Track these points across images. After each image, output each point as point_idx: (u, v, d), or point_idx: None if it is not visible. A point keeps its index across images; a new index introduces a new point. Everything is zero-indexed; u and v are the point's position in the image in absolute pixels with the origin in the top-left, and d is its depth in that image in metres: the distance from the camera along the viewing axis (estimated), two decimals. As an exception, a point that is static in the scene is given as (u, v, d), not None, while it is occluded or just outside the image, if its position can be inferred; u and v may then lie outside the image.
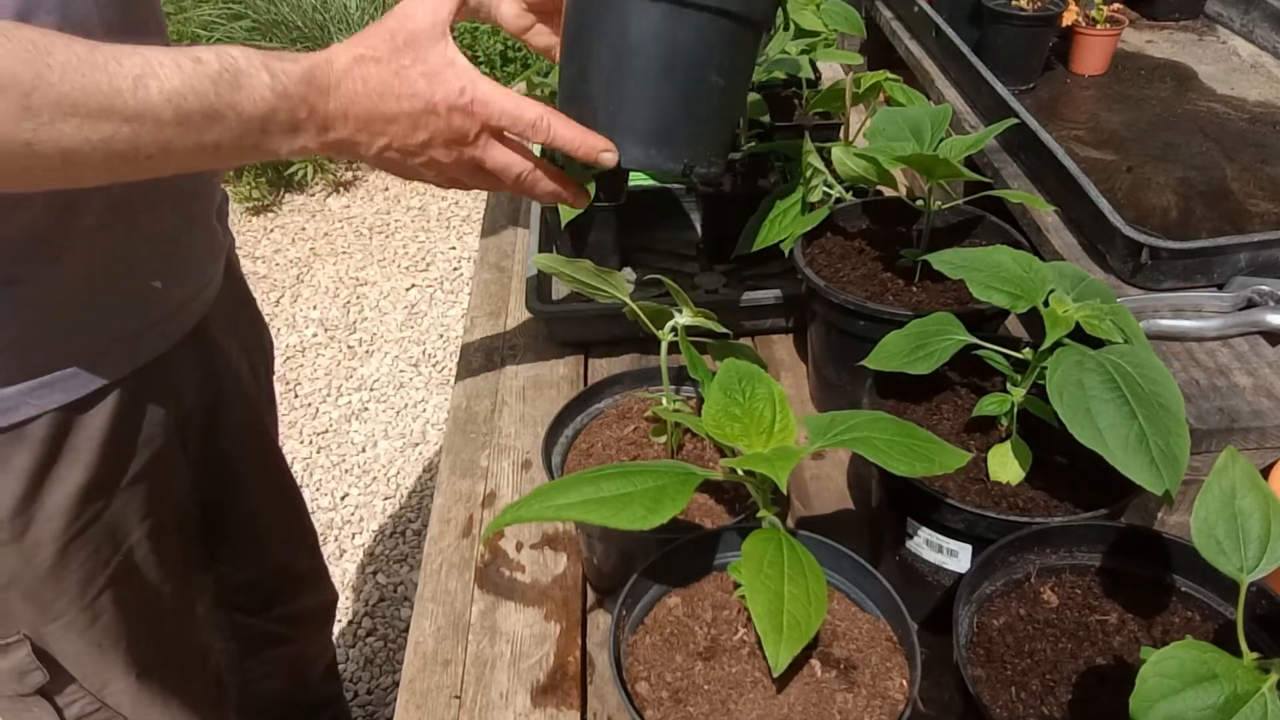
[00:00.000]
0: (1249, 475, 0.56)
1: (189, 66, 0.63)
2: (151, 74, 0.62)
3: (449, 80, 0.73)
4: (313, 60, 0.69)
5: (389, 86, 0.72)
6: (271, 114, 0.67)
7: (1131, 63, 1.54)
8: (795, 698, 0.62)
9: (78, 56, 0.60)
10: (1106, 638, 0.66)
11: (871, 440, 0.64)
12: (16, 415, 0.81)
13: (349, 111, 0.71)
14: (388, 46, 0.72)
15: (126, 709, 0.99)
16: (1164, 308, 0.96)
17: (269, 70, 0.67)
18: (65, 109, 0.59)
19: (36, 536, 0.86)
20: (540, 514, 0.60)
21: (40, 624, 0.90)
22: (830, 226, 1.05)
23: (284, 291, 3.13)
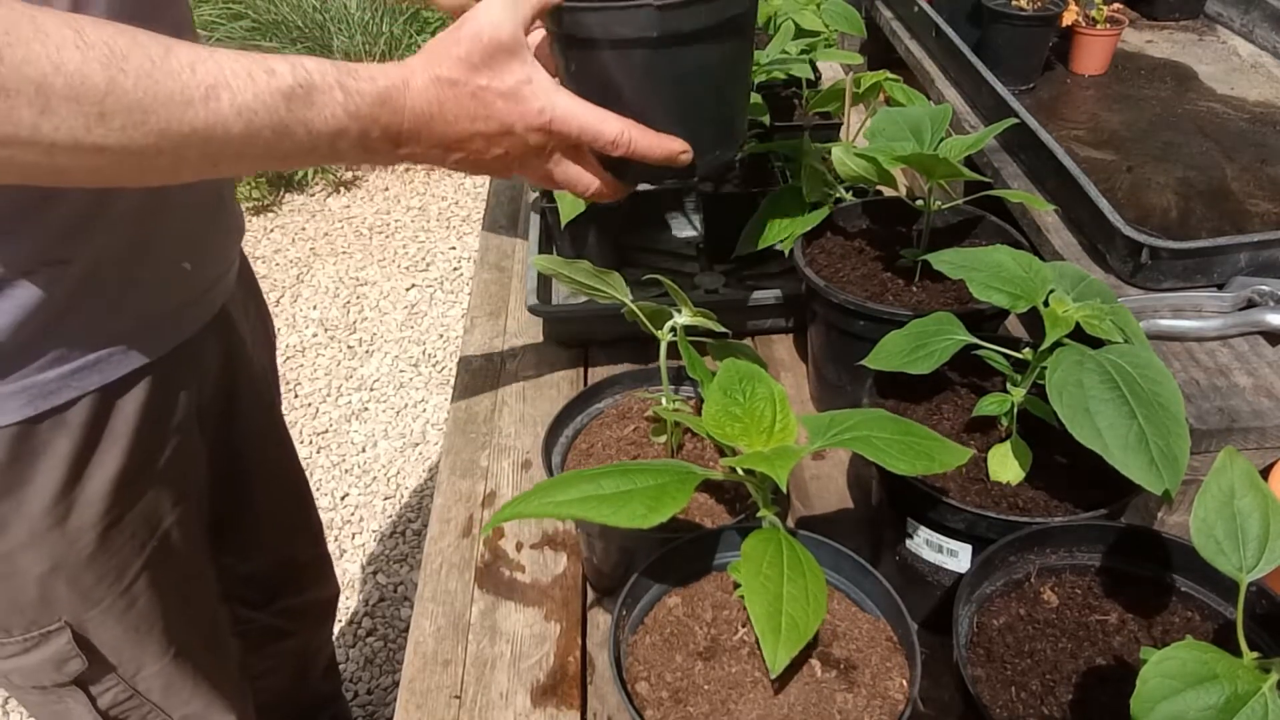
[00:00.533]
0: (1248, 475, 0.56)
1: (262, 80, 0.63)
2: (224, 84, 0.61)
3: (527, 100, 0.72)
4: (389, 80, 0.68)
5: (465, 109, 0.71)
6: (343, 132, 0.66)
7: (1131, 63, 1.54)
8: (795, 698, 0.62)
9: (152, 62, 0.59)
10: (1106, 638, 0.66)
11: (871, 439, 0.64)
12: (57, 398, 0.81)
13: (424, 132, 0.70)
14: (464, 66, 0.70)
15: (157, 695, 1.00)
16: (1164, 308, 0.96)
17: (343, 88, 0.66)
18: (138, 116, 0.58)
19: (78, 522, 0.86)
20: (540, 510, 0.60)
21: (81, 610, 0.91)
22: (830, 226, 1.05)
23: (284, 291, 3.13)
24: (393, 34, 3.63)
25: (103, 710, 0.98)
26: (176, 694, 1.02)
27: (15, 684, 0.94)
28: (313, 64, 0.65)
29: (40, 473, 0.83)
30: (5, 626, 0.89)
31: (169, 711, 1.03)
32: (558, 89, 0.73)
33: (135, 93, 0.58)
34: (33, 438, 0.82)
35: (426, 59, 0.70)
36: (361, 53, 3.60)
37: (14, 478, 0.82)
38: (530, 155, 0.75)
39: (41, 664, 0.91)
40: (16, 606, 0.88)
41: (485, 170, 0.77)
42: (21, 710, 1.94)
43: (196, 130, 0.60)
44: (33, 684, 0.93)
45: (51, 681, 0.93)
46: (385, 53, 3.64)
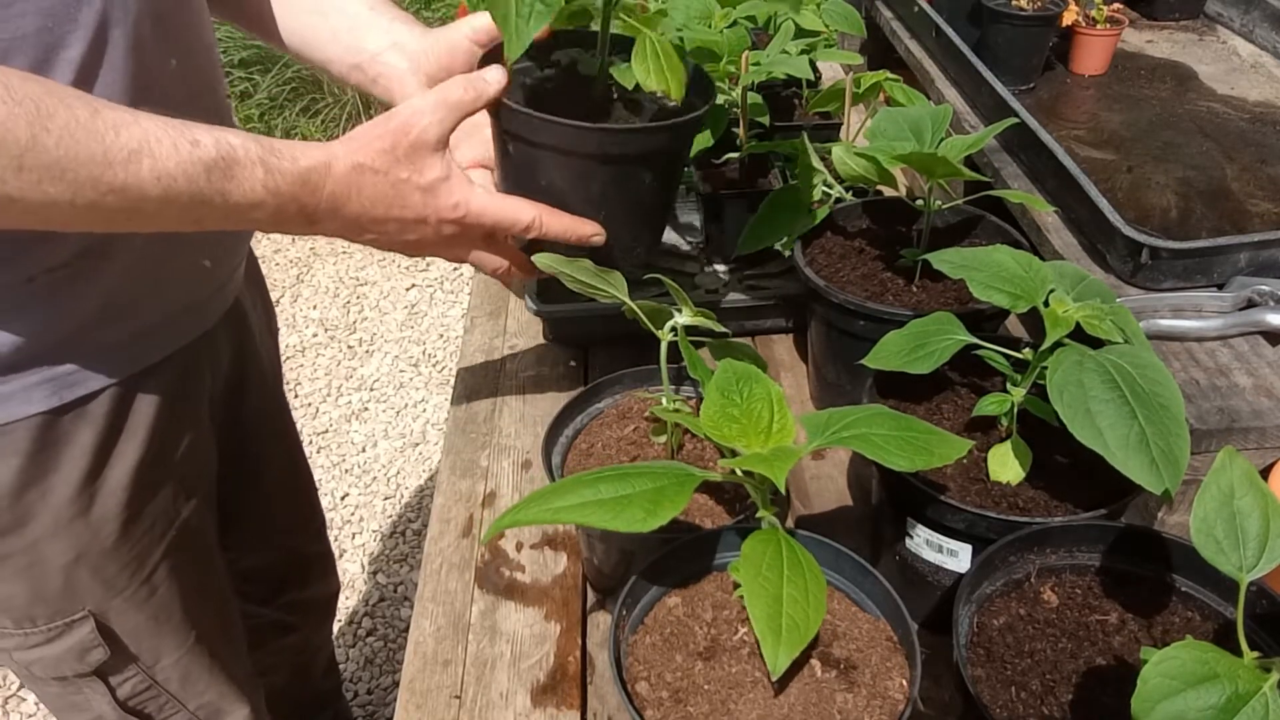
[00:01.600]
0: (1247, 474, 0.56)
1: (186, 150, 0.65)
2: (147, 151, 0.64)
3: (442, 195, 0.77)
4: (312, 162, 0.71)
5: (383, 196, 0.75)
6: (259, 204, 0.70)
7: (1131, 63, 1.54)
8: (795, 698, 0.62)
9: (77, 121, 0.61)
10: (1106, 638, 0.66)
11: (869, 437, 0.64)
12: (81, 389, 0.83)
13: (339, 211, 0.74)
14: (388, 159, 0.74)
15: (174, 686, 1.01)
16: (1164, 308, 0.96)
17: (265, 165, 0.69)
18: (55, 173, 0.61)
19: (101, 511, 0.88)
20: (539, 517, 0.60)
21: (104, 600, 0.92)
22: (830, 226, 1.05)
23: (284, 291, 3.13)
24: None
25: (121, 701, 0.99)
26: (193, 684, 1.03)
27: (36, 675, 0.94)
28: (237, 139, 0.69)
29: (64, 463, 0.84)
30: (30, 616, 0.89)
31: (185, 702, 1.04)
32: (472, 186, 0.79)
33: (56, 150, 0.60)
34: (56, 428, 0.83)
35: (351, 146, 0.74)
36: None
37: (39, 468, 0.83)
38: (442, 244, 0.81)
39: (64, 654, 0.92)
40: (41, 596, 0.89)
41: (396, 250, 0.81)
42: (21, 710, 1.94)
43: (114, 190, 0.63)
44: (54, 675, 0.94)
45: (73, 672, 0.94)
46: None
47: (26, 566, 0.87)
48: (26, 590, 0.88)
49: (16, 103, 0.59)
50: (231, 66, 3.52)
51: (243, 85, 3.55)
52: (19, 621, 0.90)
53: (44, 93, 0.61)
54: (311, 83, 3.63)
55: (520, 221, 0.79)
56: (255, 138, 0.70)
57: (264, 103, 3.57)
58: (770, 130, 1.25)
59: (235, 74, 3.54)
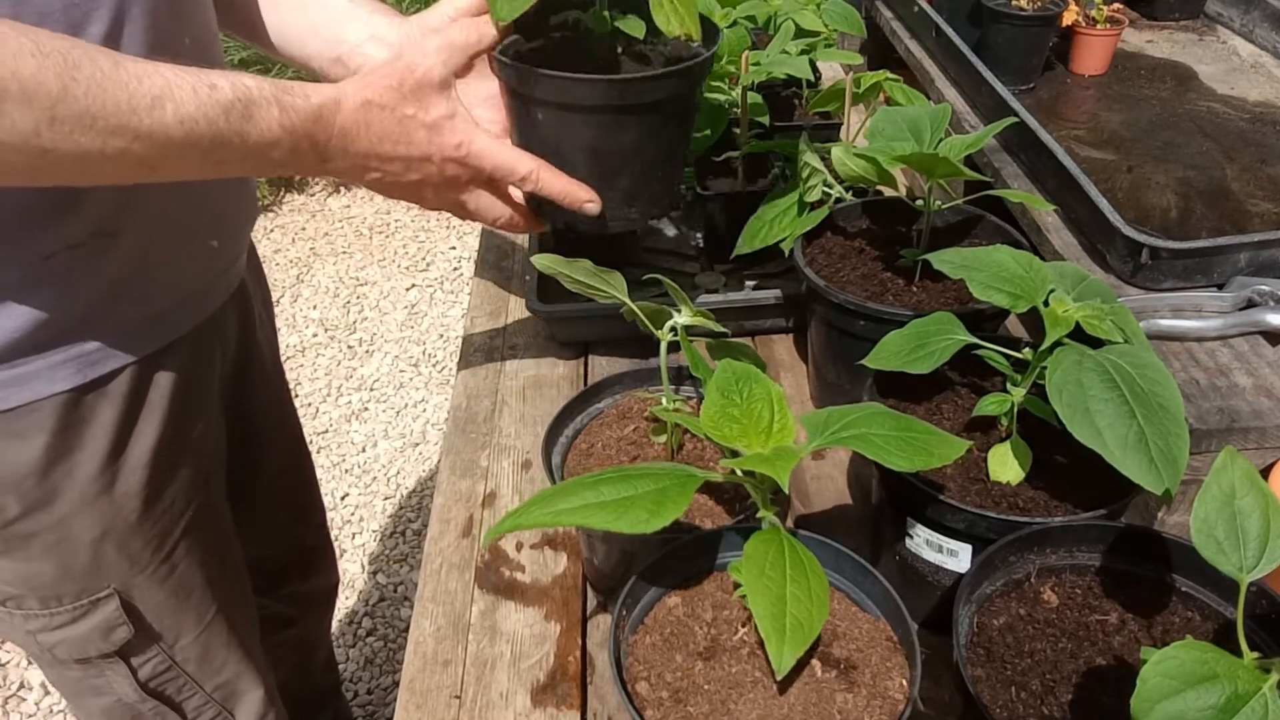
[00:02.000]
0: (1248, 474, 0.56)
1: (205, 93, 0.68)
2: (169, 96, 0.66)
3: (447, 133, 0.79)
4: (323, 99, 0.74)
5: (389, 133, 0.78)
6: (276, 143, 0.72)
7: (1131, 63, 1.54)
8: (795, 698, 0.62)
9: (103, 72, 0.64)
10: (1106, 638, 0.66)
11: (869, 437, 0.64)
12: (102, 368, 0.84)
13: (349, 149, 0.77)
14: (395, 95, 0.77)
15: (192, 666, 1.03)
16: (1164, 308, 0.96)
17: (279, 104, 0.72)
18: (86, 122, 0.63)
19: (124, 488, 0.90)
20: (541, 520, 0.60)
21: (129, 576, 0.94)
22: (830, 226, 1.05)
23: (284, 291, 3.13)
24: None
25: (143, 682, 1.00)
26: (209, 664, 1.05)
27: (59, 658, 0.95)
28: (252, 81, 0.71)
29: (88, 441, 0.86)
30: (57, 595, 0.91)
31: (202, 683, 1.05)
32: (476, 128, 0.81)
33: (85, 100, 0.63)
34: (80, 407, 0.84)
35: (360, 83, 0.77)
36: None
37: (65, 445, 0.85)
38: (445, 185, 0.83)
39: (89, 633, 0.94)
40: (69, 573, 0.90)
41: (399, 193, 0.83)
42: (21, 711, 1.94)
43: (140, 136, 0.66)
44: (78, 656, 0.95)
45: (97, 652, 0.95)
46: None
47: (55, 543, 0.88)
48: (54, 567, 0.89)
49: (45, 55, 0.61)
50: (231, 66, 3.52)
51: (243, 85, 3.55)
52: (45, 601, 0.91)
53: (70, 46, 0.63)
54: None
55: (518, 170, 0.81)
56: (268, 79, 0.72)
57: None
58: (770, 130, 1.25)
59: (235, 74, 3.53)
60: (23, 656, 2.03)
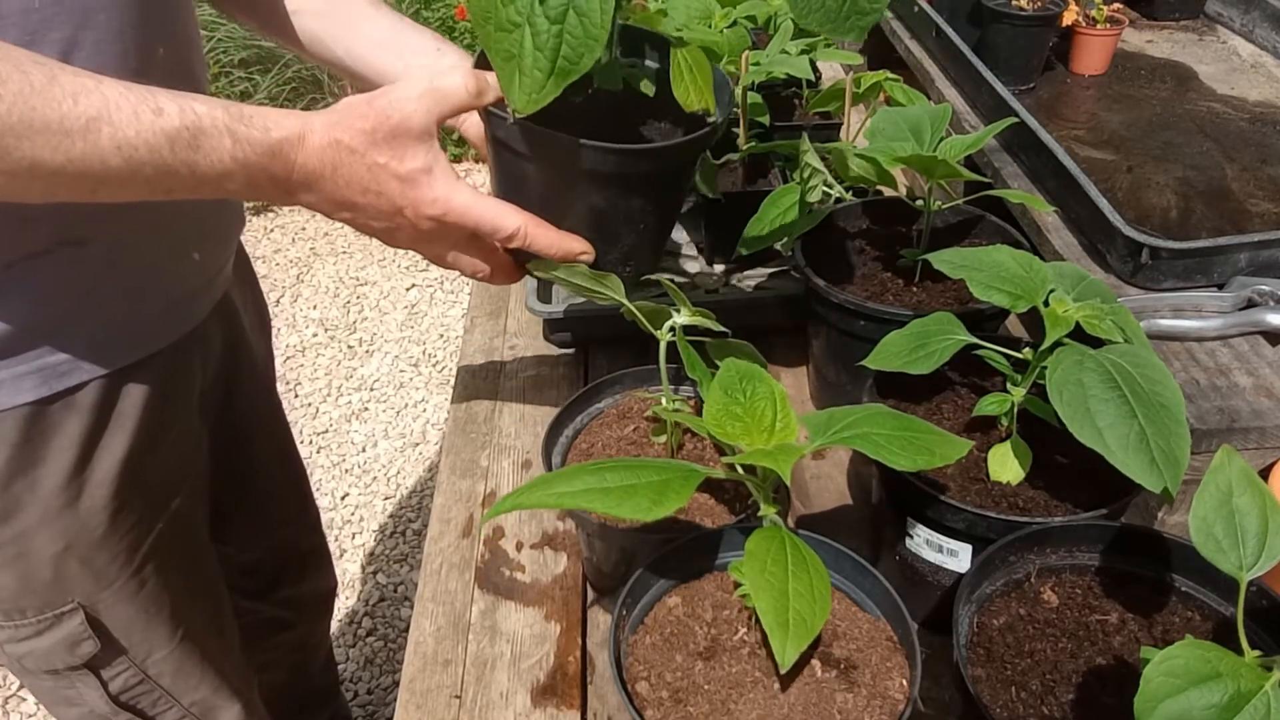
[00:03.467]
0: (1245, 473, 0.56)
1: (147, 119, 0.63)
2: (106, 119, 0.62)
3: (423, 188, 0.72)
4: (284, 133, 0.68)
5: (357, 178, 0.71)
6: (229, 175, 0.67)
7: (1131, 63, 1.54)
8: (795, 697, 0.62)
9: (32, 87, 0.59)
10: (1106, 637, 0.66)
11: (871, 436, 0.64)
12: (69, 380, 0.82)
13: (314, 186, 0.71)
14: (366, 139, 0.70)
15: (167, 680, 1.01)
16: (1164, 308, 0.96)
17: (233, 135, 0.66)
18: (10, 141, 0.59)
19: (90, 502, 0.88)
20: (542, 501, 0.60)
21: (94, 591, 0.92)
22: (830, 226, 1.05)
23: (284, 291, 3.13)
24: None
25: (114, 695, 0.99)
26: (185, 679, 1.03)
27: (28, 668, 0.94)
28: (203, 107, 0.66)
29: (52, 453, 0.84)
30: (20, 608, 0.89)
31: (178, 697, 1.04)
32: (456, 183, 0.73)
33: (9, 118, 0.58)
34: (44, 418, 0.83)
35: (331, 119, 0.70)
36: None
37: (27, 458, 0.83)
38: (420, 238, 0.76)
39: (55, 646, 0.92)
40: (30, 587, 0.89)
41: (374, 235, 0.77)
42: (21, 711, 1.94)
43: (72, 160, 0.61)
44: (45, 668, 0.94)
45: (64, 664, 0.94)
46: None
47: (15, 557, 0.87)
48: (15, 581, 0.88)
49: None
50: (231, 66, 3.53)
51: (243, 85, 3.55)
52: (9, 614, 0.90)
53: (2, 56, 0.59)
54: (311, 82, 3.63)
55: (504, 229, 0.74)
56: (225, 104, 0.67)
57: (264, 102, 3.57)
58: (770, 130, 1.25)
59: (235, 74, 3.54)
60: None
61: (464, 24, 3.54)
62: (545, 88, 0.63)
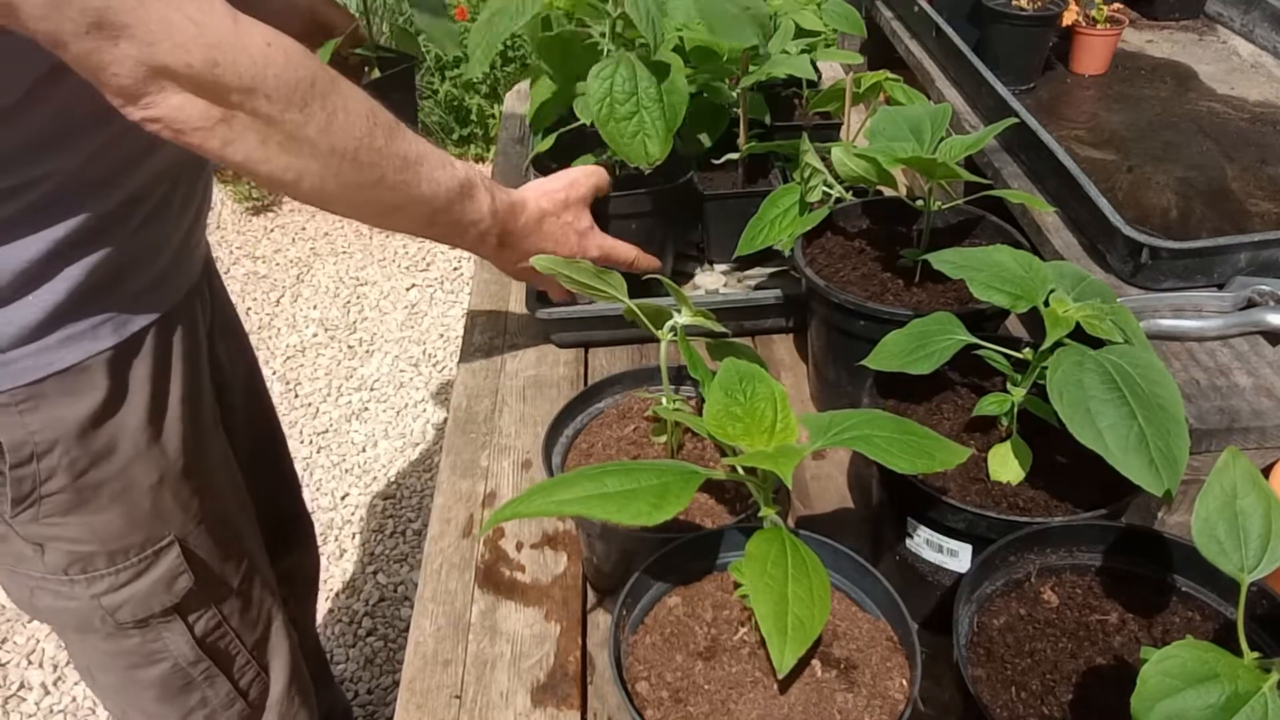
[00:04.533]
0: (1250, 475, 0.56)
1: (448, 169, 0.88)
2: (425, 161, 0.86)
3: (591, 239, 1.05)
4: (518, 196, 0.98)
5: (552, 233, 1.01)
6: (479, 222, 0.93)
7: (1131, 63, 1.54)
8: (796, 698, 0.62)
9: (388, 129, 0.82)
10: (1107, 637, 0.66)
11: (872, 438, 0.64)
12: (134, 325, 0.92)
13: (525, 240, 0.99)
14: (560, 205, 1.01)
15: (236, 620, 1.09)
16: (1164, 308, 0.96)
17: (490, 192, 0.93)
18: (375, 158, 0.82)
19: (168, 437, 0.97)
20: (542, 509, 0.60)
21: (185, 523, 1.01)
22: (830, 226, 1.05)
23: (284, 291, 3.13)
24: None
25: (199, 639, 1.05)
26: (249, 618, 1.11)
27: (121, 622, 0.99)
28: (473, 170, 0.92)
29: (131, 394, 0.93)
30: (124, 548, 0.96)
31: (244, 639, 1.10)
32: (600, 233, 1.06)
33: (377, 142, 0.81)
34: (120, 362, 0.92)
35: (536, 192, 1.00)
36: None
37: (115, 399, 0.92)
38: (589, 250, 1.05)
39: (154, 585, 0.99)
40: (135, 523, 0.96)
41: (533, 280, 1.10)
42: (22, 711, 1.94)
43: (405, 182, 0.84)
44: (140, 615, 0.99)
45: (160, 606, 1.00)
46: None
47: (121, 491, 0.94)
48: (121, 516, 0.95)
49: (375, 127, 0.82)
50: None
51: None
52: (113, 556, 0.96)
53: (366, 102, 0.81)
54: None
55: (627, 258, 1.08)
56: (480, 173, 0.93)
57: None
58: (770, 130, 1.25)
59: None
60: (23, 656, 2.03)
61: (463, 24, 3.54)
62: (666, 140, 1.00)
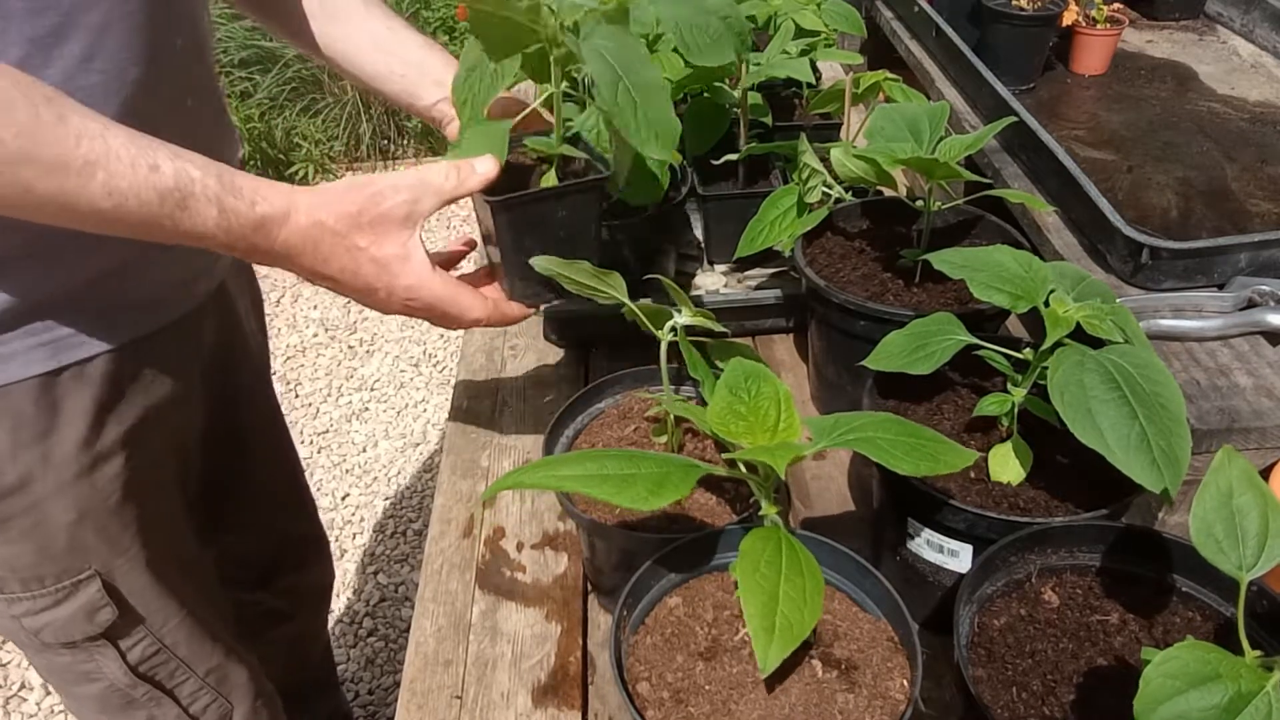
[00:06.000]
0: (1245, 473, 0.56)
1: (143, 172, 0.67)
2: (103, 165, 0.66)
3: (396, 273, 0.78)
4: (271, 209, 0.73)
5: (335, 257, 0.76)
6: (209, 237, 0.72)
7: (1131, 63, 1.54)
8: (796, 698, 0.62)
9: (39, 121, 0.63)
10: (1107, 638, 0.66)
11: (875, 440, 0.64)
12: (80, 352, 0.85)
13: (293, 260, 0.76)
14: (349, 223, 0.75)
15: (183, 649, 1.03)
16: (1164, 308, 0.96)
17: (220, 206, 0.71)
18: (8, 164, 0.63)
19: (102, 471, 0.90)
20: (543, 482, 0.60)
21: (110, 558, 0.94)
22: (830, 226, 1.05)
23: (284, 291, 3.13)
24: (393, 34, 3.62)
25: (133, 665, 1.00)
26: (199, 646, 1.05)
27: (46, 642, 0.96)
28: (198, 172, 0.70)
29: (63, 424, 0.86)
30: (38, 576, 0.91)
31: (194, 666, 1.05)
32: (430, 273, 0.79)
33: (11, 144, 0.62)
34: (55, 389, 0.85)
35: (317, 200, 0.75)
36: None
37: (39, 428, 0.85)
38: (400, 310, 0.82)
39: (74, 615, 0.94)
40: (48, 555, 0.90)
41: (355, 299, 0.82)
42: (22, 711, 1.94)
43: (65, 193, 0.65)
44: (64, 639, 0.95)
45: (83, 634, 0.95)
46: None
47: (32, 526, 0.88)
48: (33, 550, 0.89)
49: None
50: (232, 66, 3.53)
51: (243, 85, 3.55)
52: (27, 583, 0.91)
53: (12, 86, 0.63)
54: (311, 82, 3.63)
55: (469, 315, 0.83)
56: (219, 172, 0.71)
57: (264, 102, 3.57)
58: (770, 130, 1.25)
59: (235, 74, 3.54)
60: (24, 656, 2.04)
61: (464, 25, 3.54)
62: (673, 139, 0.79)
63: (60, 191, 0.65)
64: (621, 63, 0.77)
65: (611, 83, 0.76)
